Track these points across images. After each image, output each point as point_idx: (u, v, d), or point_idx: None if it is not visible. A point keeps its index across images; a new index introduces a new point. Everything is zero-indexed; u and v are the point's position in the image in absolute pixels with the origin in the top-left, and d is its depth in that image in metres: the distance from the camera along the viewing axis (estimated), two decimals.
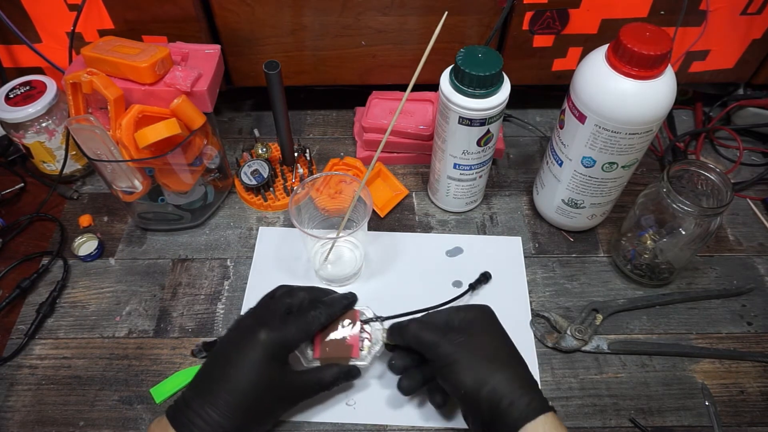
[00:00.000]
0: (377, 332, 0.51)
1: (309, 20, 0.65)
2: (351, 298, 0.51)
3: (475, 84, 0.53)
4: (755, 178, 0.71)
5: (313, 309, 0.49)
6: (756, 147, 0.75)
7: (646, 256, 0.60)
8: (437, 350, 0.46)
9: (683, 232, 0.55)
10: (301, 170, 0.69)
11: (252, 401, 0.44)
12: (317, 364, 0.50)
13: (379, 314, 0.52)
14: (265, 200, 0.67)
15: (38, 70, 0.68)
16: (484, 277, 0.60)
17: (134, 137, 0.53)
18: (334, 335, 0.50)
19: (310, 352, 0.50)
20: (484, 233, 0.66)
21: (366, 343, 0.50)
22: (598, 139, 0.53)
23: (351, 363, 0.50)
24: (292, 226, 0.66)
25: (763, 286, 0.62)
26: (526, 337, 0.57)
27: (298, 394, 0.48)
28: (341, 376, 0.49)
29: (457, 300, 0.58)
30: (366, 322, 0.51)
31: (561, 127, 0.57)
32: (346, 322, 0.51)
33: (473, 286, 0.59)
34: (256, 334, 0.45)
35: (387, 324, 0.51)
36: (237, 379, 0.44)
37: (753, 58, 0.70)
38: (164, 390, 0.53)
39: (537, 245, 0.65)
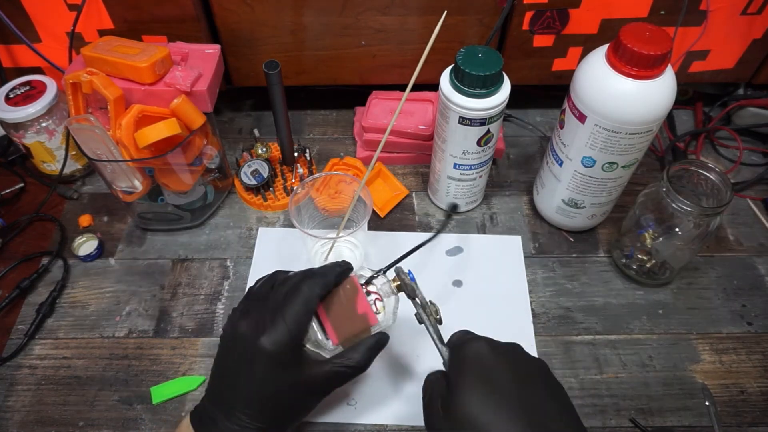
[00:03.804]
0: (384, 286, 0.46)
1: (309, 20, 0.65)
2: (344, 266, 0.45)
3: (475, 84, 0.53)
4: (755, 178, 0.71)
5: (305, 282, 0.43)
6: (756, 147, 0.75)
7: (645, 257, 0.60)
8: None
9: (681, 233, 0.55)
10: (301, 170, 0.69)
11: (275, 409, 0.41)
12: (340, 349, 0.45)
13: (375, 276, 0.47)
14: (265, 200, 0.67)
15: (38, 70, 0.68)
16: (453, 208, 0.54)
17: (134, 137, 0.53)
18: (342, 312, 0.44)
19: (326, 341, 0.44)
20: (484, 233, 0.66)
21: (379, 304, 0.45)
22: (598, 139, 0.53)
23: (374, 331, 0.45)
24: (292, 226, 0.66)
25: (763, 286, 0.62)
26: (527, 336, 0.57)
27: (327, 384, 0.43)
28: (373, 351, 0.44)
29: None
30: (368, 282, 0.46)
31: (561, 127, 0.57)
32: (348, 292, 0.45)
33: (451, 210, 0.54)
34: (257, 343, 0.40)
35: (390, 273, 0.46)
36: (254, 394, 0.41)
37: (753, 58, 0.70)
38: (164, 392, 0.53)
39: (537, 245, 0.65)
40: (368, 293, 0.46)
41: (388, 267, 0.47)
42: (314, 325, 0.45)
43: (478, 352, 0.39)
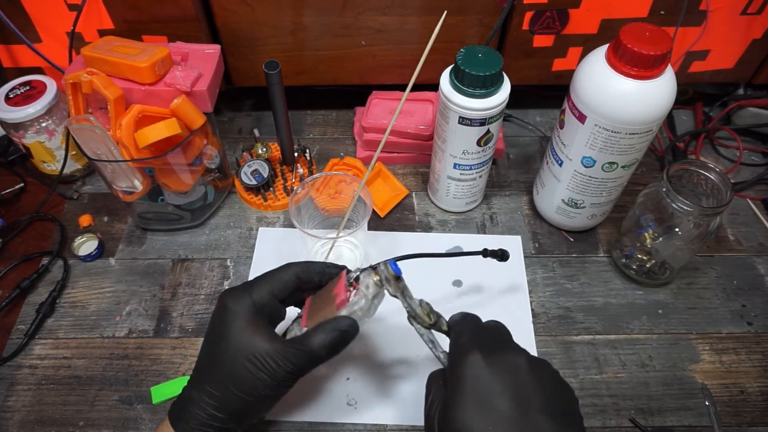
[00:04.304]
0: (368, 279, 0.43)
1: (309, 20, 0.65)
2: (338, 265, 0.46)
3: (475, 84, 0.53)
4: (755, 178, 0.71)
5: (289, 263, 0.44)
6: (756, 147, 0.75)
7: (645, 257, 0.60)
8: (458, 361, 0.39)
9: (681, 233, 0.55)
10: (301, 170, 0.69)
11: (236, 378, 0.40)
12: None
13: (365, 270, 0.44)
14: (265, 200, 0.68)
15: (38, 70, 0.68)
16: (502, 254, 0.53)
17: (134, 137, 0.53)
18: (319, 299, 0.44)
19: (300, 327, 0.45)
20: (484, 233, 0.66)
21: (356, 293, 0.43)
22: (598, 139, 0.53)
23: (344, 314, 0.42)
24: (292, 226, 0.66)
25: (763, 286, 0.62)
26: (527, 336, 0.57)
27: (288, 368, 0.40)
28: (332, 336, 0.41)
29: (463, 256, 0.52)
30: (356, 278, 0.44)
31: (561, 127, 0.57)
32: (332, 282, 0.44)
33: (486, 253, 0.53)
34: (224, 303, 0.43)
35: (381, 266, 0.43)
36: (218, 357, 0.41)
37: (753, 58, 0.70)
38: (164, 391, 0.53)
39: (537, 245, 0.65)
40: (351, 285, 0.44)
41: (385, 261, 0.44)
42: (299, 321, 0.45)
43: (474, 367, 0.38)
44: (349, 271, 0.45)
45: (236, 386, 0.40)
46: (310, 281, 0.45)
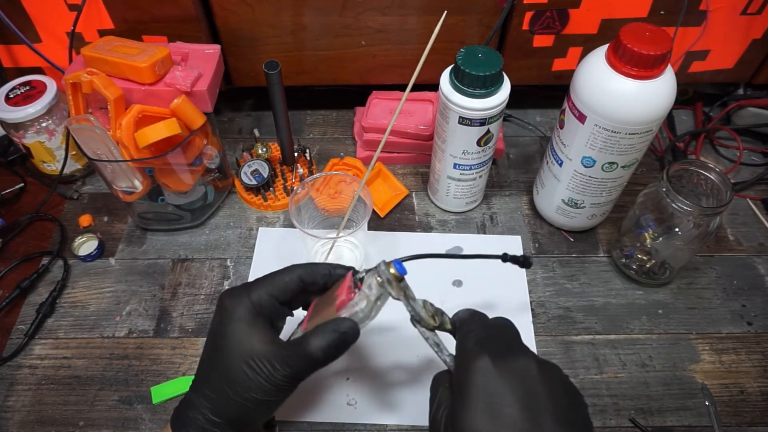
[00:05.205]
0: (371, 279, 0.41)
1: (309, 20, 0.65)
2: (344, 266, 0.44)
3: (475, 84, 0.53)
4: (755, 178, 0.71)
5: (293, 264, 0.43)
6: (756, 147, 0.75)
7: (645, 257, 0.60)
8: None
9: (681, 233, 0.55)
10: (301, 170, 0.69)
11: (233, 381, 0.39)
12: None
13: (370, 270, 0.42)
14: (265, 200, 0.68)
15: (38, 70, 0.68)
16: (526, 260, 0.49)
17: (134, 137, 0.53)
18: (322, 302, 0.43)
19: (300, 329, 0.44)
20: (484, 233, 0.66)
21: (359, 293, 0.41)
22: (598, 139, 0.53)
23: (344, 316, 0.41)
24: (292, 226, 0.66)
25: (763, 286, 0.62)
26: (527, 336, 0.57)
27: (285, 371, 0.39)
28: (330, 339, 0.39)
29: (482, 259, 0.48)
30: (361, 280, 0.42)
31: (561, 127, 0.57)
32: (337, 284, 0.43)
33: (506, 258, 0.49)
34: (222, 303, 0.41)
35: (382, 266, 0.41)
36: (216, 360, 0.40)
37: (753, 58, 0.70)
38: (164, 391, 0.53)
39: (537, 245, 0.65)
40: (355, 287, 0.43)
41: (386, 261, 0.43)
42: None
43: (483, 374, 0.37)
44: (356, 272, 0.44)
45: (233, 390, 0.39)
46: (314, 283, 0.44)
